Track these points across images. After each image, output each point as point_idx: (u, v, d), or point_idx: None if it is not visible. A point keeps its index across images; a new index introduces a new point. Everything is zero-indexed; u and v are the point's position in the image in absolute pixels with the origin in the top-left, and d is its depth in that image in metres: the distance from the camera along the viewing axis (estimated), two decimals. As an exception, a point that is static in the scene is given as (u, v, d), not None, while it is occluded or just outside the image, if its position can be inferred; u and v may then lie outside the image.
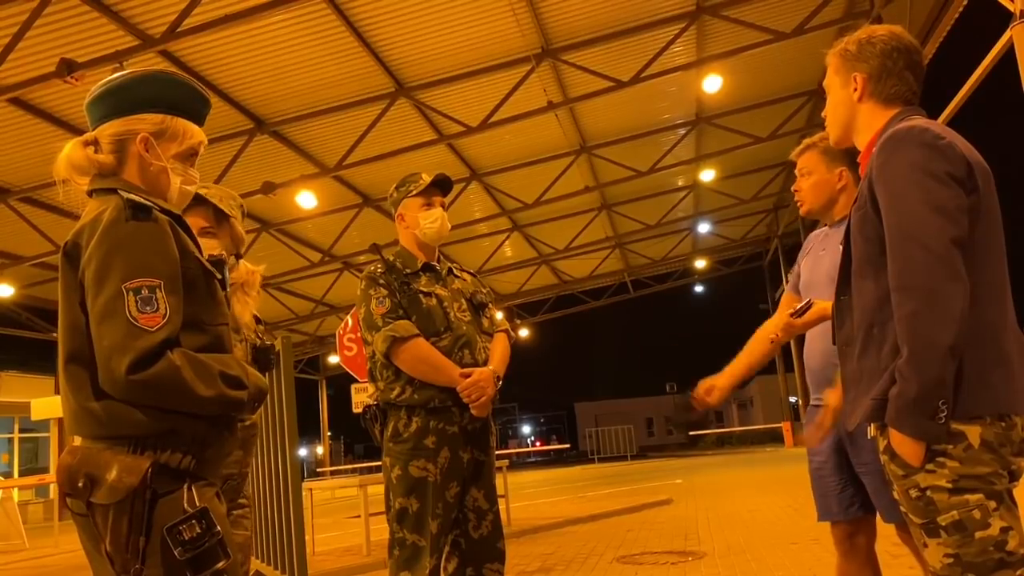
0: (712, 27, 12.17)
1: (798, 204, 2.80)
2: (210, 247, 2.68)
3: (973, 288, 1.67)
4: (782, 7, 11.81)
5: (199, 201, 2.64)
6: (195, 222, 2.60)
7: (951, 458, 1.68)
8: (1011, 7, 7.83)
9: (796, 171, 2.79)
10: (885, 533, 2.62)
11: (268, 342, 2.94)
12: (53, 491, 18.10)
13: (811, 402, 2.76)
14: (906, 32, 1.99)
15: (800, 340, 2.78)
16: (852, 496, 2.60)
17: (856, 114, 1.99)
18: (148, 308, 1.59)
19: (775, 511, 8.79)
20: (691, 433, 51.12)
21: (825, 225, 2.84)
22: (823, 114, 2.11)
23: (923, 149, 1.74)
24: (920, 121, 1.84)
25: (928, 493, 1.71)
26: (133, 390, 1.56)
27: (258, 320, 3.02)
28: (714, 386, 2.75)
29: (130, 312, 1.58)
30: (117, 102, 1.81)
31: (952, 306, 1.63)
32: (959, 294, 1.64)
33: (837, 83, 2.03)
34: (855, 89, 1.97)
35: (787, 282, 2.98)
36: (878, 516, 2.59)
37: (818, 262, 2.73)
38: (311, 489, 8.91)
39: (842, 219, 2.70)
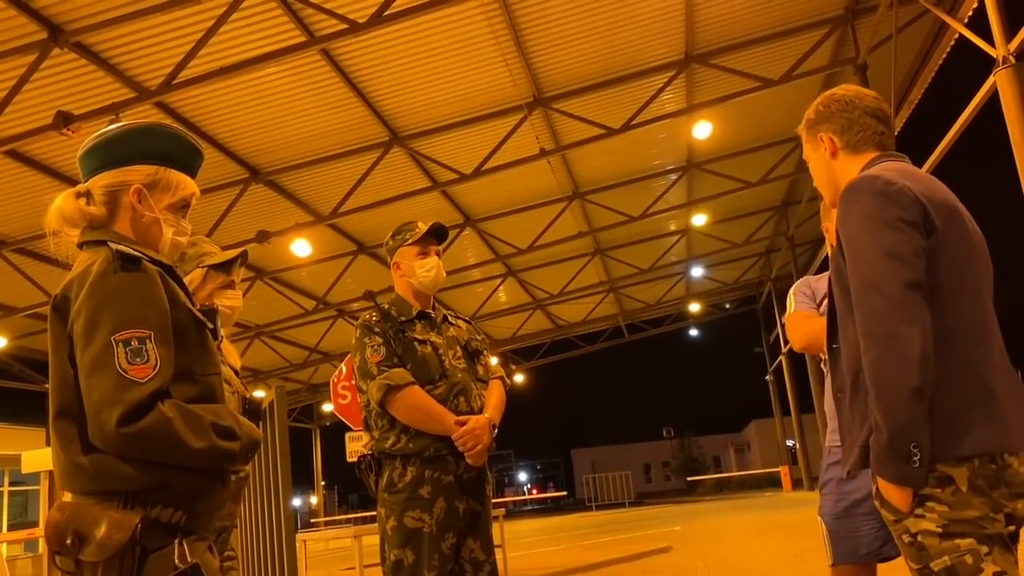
0: (701, 75, 12.35)
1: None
2: (234, 297, 2.72)
3: (945, 328, 1.69)
4: (769, 55, 12.00)
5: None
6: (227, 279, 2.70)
7: (939, 502, 1.68)
8: (993, 53, 8.00)
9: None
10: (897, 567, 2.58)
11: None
12: (42, 546, 17.69)
13: (828, 442, 2.75)
14: (861, 87, 2.09)
15: (803, 379, 2.75)
16: (888, 535, 2.54)
17: (834, 170, 2.06)
18: (138, 359, 1.57)
19: (774, 557, 8.67)
20: (689, 479, 50.65)
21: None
22: (814, 184, 2.19)
23: (875, 197, 1.78)
24: (875, 169, 1.89)
25: (919, 538, 1.70)
26: (124, 443, 1.53)
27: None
28: None
29: (120, 364, 1.56)
30: (110, 154, 1.81)
31: (911, 350, 1.63)
32: (917, 337, 1.64)
33: (810, 150, 2.12)
34: (825, 148, 2.05)
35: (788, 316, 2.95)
36: None
37: None
38: (305, 540, 8.77)
39: None
